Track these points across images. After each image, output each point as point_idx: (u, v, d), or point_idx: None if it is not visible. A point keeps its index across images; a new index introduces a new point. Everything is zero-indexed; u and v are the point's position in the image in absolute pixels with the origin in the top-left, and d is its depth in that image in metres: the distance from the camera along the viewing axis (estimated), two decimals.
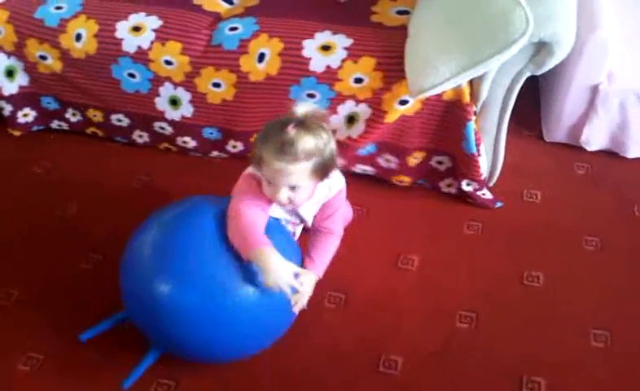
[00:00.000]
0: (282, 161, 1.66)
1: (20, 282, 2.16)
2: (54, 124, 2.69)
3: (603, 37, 2.32)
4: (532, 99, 2.84)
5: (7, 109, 2.64)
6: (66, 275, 2.18)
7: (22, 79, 2.57)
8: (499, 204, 2.40)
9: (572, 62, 2.40)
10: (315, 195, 1.86)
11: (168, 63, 2.33)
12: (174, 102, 2.43)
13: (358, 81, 2.22)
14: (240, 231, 1.71)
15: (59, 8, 2.43)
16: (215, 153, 2.58)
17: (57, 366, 1.94)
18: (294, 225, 2.01)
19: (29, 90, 2.58)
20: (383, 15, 2.38)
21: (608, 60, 2.38)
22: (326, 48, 2.23)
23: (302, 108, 1.71)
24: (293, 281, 1.69)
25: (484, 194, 2.39)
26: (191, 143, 2.55)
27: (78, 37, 2.37)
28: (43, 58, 2.45)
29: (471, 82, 2.19)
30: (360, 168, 2.45)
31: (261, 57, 2.26)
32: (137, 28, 2.35)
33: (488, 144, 2.33)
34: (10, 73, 2.55)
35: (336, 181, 1.91)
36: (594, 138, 2.57)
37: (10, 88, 2.58)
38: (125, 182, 2.51)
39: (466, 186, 2.36)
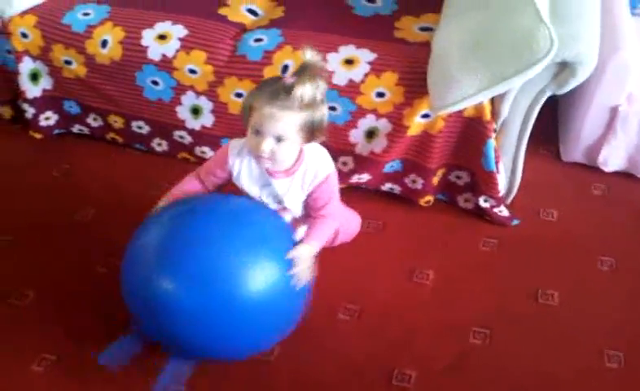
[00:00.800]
0: (273, 106, 1.69)
1: (36, 283, 2.18)
2: (76, 128, 2.72)
3: (625, 59, 2.34)
4: (550, 118, 2.85)
5: (30, 112, 2.67)
6: (82, 278, 2.20)
7: (46, 83, 2.60)
8: (516, 222, 2.41)
9: (592, 82, 2.42)
10: (298, 177, 1.86)
11: (192, 71, 2.36)
12: (195, 111, 2.46)
13: (380, 95, 2.24)
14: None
15: (86, 14, 2.47)
16: None
17: (71, 367, 1.95)
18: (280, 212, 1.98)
19: (52, 93, 2.62)
20: (406, 31, 2.41)
21: (629, 82, 2.39)
22: (349, 62, 2.26)
23: (308, 55, 1.72)
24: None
25: (501, 211, 2.40)
26: (209, 154, 2.57)
27: (104, 44, 2.41)
28: (68, 63, 2.48)
29: (492, 100, 2.21)
30: (388, 186, 2.47)
31: (285, 69, 2.28)
32: (162, 37, 2.38)
33: (507, 162, 2.34)
34: (34, 77, 2.59)
35: (324, 167, 1.89)
36: (612, 159, 2.57)
37: (34, 91, 2.62)
38: (143, 189, 2.51)
39: (483, 203, 2.38)
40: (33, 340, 2.02)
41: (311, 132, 1.76)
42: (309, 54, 1.72)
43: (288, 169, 1.86)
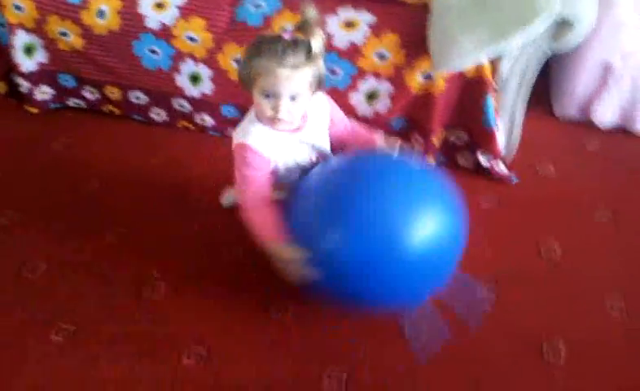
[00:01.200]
0: (286, 67, 1.66)
1: (47, 256, 2.18)
2: (72, 102, 2.70)
3: (619, 16, 2.38)
4: (542, 76, 2.88)
5: (25, 86, 2.64)
6: (92, 249, 2.20)
7: (41, 56, 2.57)
8: (515, 179, 2.45)
9: (586, 40, 2.45)
10: (313, 121, 1.88)
11: (192, 39, 2.36)
12: (195, 78, 2.46)
13: (381, 57, 2.26)
14: (251, 228, 1.82)
15: None
16: (232, 131, 2.60)
17: (90, 336, 1.97)
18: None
19: (48, 67, 2.59)
20: None
21: (623, 39, 2.43)
22: (349, 24, 2.27)
23: (307, 10, 1.71)
24: (296, 267, 1.73)
25: (500, 169, 2.44)
26: (209, 121, 2.58)
27: (101, 14, 2.39)
28: (64, 35, 2.46)
29: (491, 59, 2.24)
30: None
31: None
32: (160, 5, 2.37)
33: (506, 120, 2.38)
34: (28, 50, 2.55)
35: (320, 96, 1.90)
36: (606, 115, 2.62)
37: (29, 65, 2.59)
38: (144, 159, 2.53)
39: (483, 161, 2.42)
40: (49, 310, 2.03)
41: (318, 83, 1.77)
42: (309, 9, 1.71)
43: (298, 126, 1.86)
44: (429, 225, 1.71)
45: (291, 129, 1.83)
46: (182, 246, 2.22)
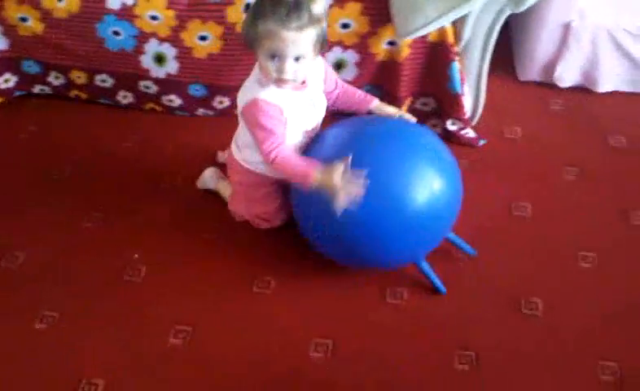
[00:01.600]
0: (290, 29, 1.69)
1: (25, 245, 2.17)
2: (37, 88, 2.66)
3: None
4: (503, 40, 2.92)
5: None
6: (70, 235, 2.20)
7: (1, 43, 2.52)
8: (482, 142, 2.49)
9: (545, 1, 2.50)
10: (313, 76, 1.92)
11: (154, 18, 2.33)
12: (159, 59, 2.43)
13: (345, 26, 2.27)
14: (286, 175, 1.87)
15: None
16: (201, 111, 2.59)
17: (74, 322, 1.97)
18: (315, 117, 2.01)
19: (9, 54, 2.54)
20: None
21: None
22: None
23: None
24: (346, 178, 1.73)
25: (467, 133, 2.48)
26: (177, 101, 2.56)
27: None
28: (23, 20, 2.41)
29: (454, 23, 2.26)
30: None
31: (248, 7, 2.28)
32: None
33: (471, 84, 2.41)
34: None
35: (317, 59, 1.92)
36: (567, 75, 2.67)
37: None
38: (115, 143, 2.52)
39: (450, 126, 2.45)
40: (32, 299, 2.02)
41: (321, 44, 1.80)
42: None
43: (303, 81, 1.89)
44: (432, 185, 1.83)
45: (294, 86, 1.86)
46: (160, 227, 2.22)
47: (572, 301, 2.01)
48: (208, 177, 2.30)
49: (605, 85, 2.68)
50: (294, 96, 1.87)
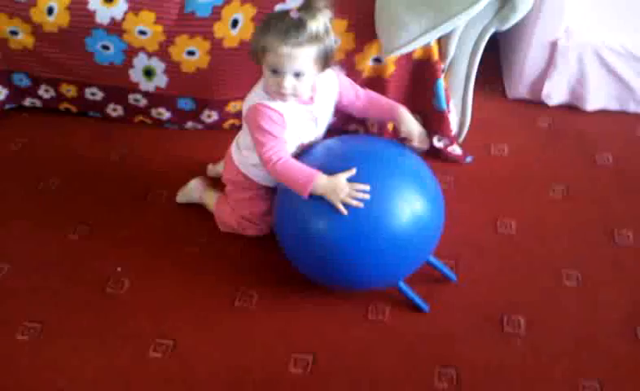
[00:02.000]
0: (288, 45, 1.73)
1: (10, 257, 2.17)
2: (27, 101, 2.68)
3: None
4: (492, 58, 2.95)
5: None
6: (55, 247, 2.21)
7: None
8: (469, 159, 2.50)
9: (531, 18, 2.51)
10: (322, 92, 1.94)
11: (142, 33, 2.35)
12: (148, 73, 2.45)
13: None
14: (286, 180, 1.84)
15: None
16: (190, 124, 2.61)
17: (56, 334, 1.97)
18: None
19: (0, 67, 2.56)
20: None
21: (566, 16, 2.49)
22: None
23: None
24: (351, 185, 1.76)
25: (454, 149, 2.49)
26: (166, 115, 2.58)
27: (50, 11, 2.37)
28: (14, 33, 2.43)
29: (439, 40, 2.28)
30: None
31: (235, 23, 2.30)
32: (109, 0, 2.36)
33: (457, 101, 2.43)
34: None
35: (329, 72, 1.96)
36: (555, 93, 2.68)
37: None
38: (104, 156, 2.53)
39: (437, 143, 2.46)
40: (14, 310, 2.03)
41: (325, 61, 1.82)
42: None
43: (311, 97, 1.92)
44: (413, 209, 1.82)
45: (301, 101, 1.89)
46: (145, 240, 2.23)
47: (555, 320, 2.01)
48: (194, 187, 2.31)
49: (593, 104, 2.69)
50: (297, 109, 1.89)
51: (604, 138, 2.61)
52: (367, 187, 1.76)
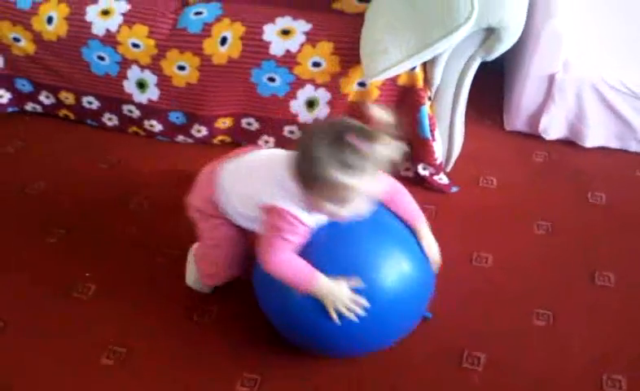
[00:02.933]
0: (354, 177, 1.52)
1: None
2: (29, 106, 2.76)
3: (557, 27, 2.38)
4: (496, 90, 2.90)
5: None
6: (30, 249, 2.25)
7: None
8: (455, 189, 2.46)
9: (529, 51, 2.48)
10: None
11: (136, 45, 2.41)
12: (141, 85, 2.50)
13: (316, 64, 2.29)
14: (284, 278, 1.69)
15: None
16: (181, 138, 2.64)
17: (17, 332, 2.01)
18: None
19: (4, 71, 2.65)
20: (344, 2, 2.47)
21: (563, 50, 2.44)
22: (285, 32, 2.31)
23: (374, 110, 1.57)
24: (352, 297, 1.67)
25: (440, 179, 2.45)
26: (158, 127, 2.62)
27: (50, 20, 2.45)
28: (17, 40, 2.52)
29: (424, 67, 2.26)
30: None
31: (224, 40, 2.34)
32: (106, 12, 2.42)
33: (444, 129, 2.39)
34: None
35: None
36: (552, 127, 2.62)
37: None
38: (93, 163, 2.58)
39: (422, 171, 2.43)
40: None
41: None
42: (379, 112, 1.56)
43: None
44: (401, 278, 1.75)
45: None
46: (118, 249, 2.25)
47: (518, 359, 1.95)
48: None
49: (592, 140, 2.62)
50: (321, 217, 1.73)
51: (600, 177, 2.53)
52: (367, 305, 1.66)
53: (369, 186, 1.57)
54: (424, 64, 2.24)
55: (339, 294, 1.66)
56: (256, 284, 1.89)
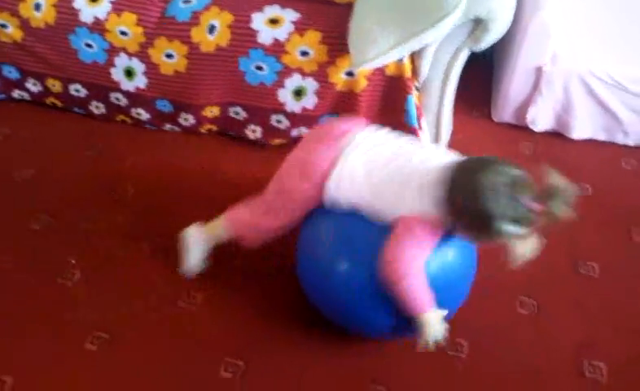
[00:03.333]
0: (519, 230, 1.62)
1: None
2: (16, 93, 2.75)
3: (545, 19, 2.39)
4: (485, 82, 2.91)
5: None
6: (16, 235, 2.25)
7: None
8: None
9: (517, 43, 2.48)
10: None
11: (124, 33, 2.40)
12: (129, 73, 2.49)
13: (304, 53, 2.29)
14: (403, 298, 1.67)
15: None
16: (168, 126, 2.64)
17: (7, 317, 2.01)
18: None
19: None
20: None
21: (551, 42, 2.44)
22: (274, 21, 2.30)
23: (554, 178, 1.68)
24: (444, 329, 1.71)
25: None
26: (145, 115, 2.62)
27: (37, 7, 2.44)
28: (3, 26, 2.51)
29: (412, 58, 2.26)
30: None
31: (212, 29, 2.33)
32: None
33: (431, 120, 2.40)
34: None
35: None
36: (540, 119, 2.63)
37: None
38: (80, 151, 2.58)
39: None
40: None
41: None
42: (556, 179, 1.68)
43: None
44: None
45: None
46: (104, 235, 2.25)
47: (500, 347, 1.99)
48: (193, 240, 2.08)
49: (579, 132, 2.63)
50: None
51: (587, 168, 2.55)
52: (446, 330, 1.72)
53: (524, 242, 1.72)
54: (412, 55, 2.24)
55: (440, 327, 1.70)
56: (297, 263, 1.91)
